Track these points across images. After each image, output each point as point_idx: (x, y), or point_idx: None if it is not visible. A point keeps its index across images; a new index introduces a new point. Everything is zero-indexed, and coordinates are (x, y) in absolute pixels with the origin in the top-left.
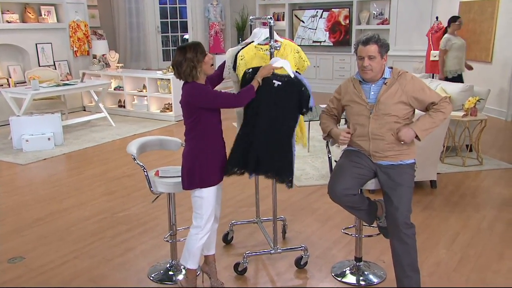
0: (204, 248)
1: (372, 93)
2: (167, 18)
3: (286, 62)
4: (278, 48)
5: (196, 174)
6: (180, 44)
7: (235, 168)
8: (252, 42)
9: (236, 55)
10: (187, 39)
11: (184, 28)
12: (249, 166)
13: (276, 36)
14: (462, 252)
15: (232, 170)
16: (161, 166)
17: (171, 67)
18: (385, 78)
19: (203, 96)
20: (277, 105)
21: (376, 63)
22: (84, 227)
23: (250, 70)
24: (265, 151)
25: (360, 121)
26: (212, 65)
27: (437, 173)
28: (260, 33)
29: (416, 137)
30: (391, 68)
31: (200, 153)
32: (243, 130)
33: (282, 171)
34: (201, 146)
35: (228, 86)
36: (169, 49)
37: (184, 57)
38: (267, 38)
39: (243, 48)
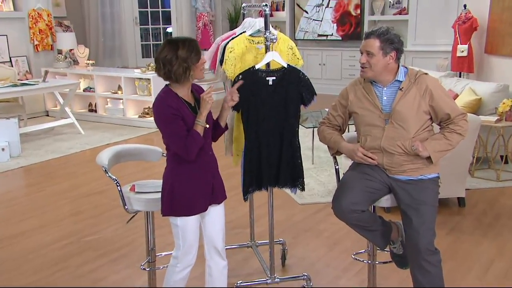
0: None
1: (385, 98)
2: (147, 8)
3: (274, 53)
4: (274, 41)
5: (168, 200)
6: (164, 38)
7: (249, 188)
8: (243, 32)
9: (224, 47)
10: (171, 33)
11: (167, 20)
12: (265, 182)
13: (270, 29)
14: (498, 284)
15: (248, 191)
16: (138, 180)
17: (153, 62)
18: (400, 82)
19: (158, 120)
20: (277, 103)
21: (375, 61)
22: (45, 254)
23: (240, 77)
24: (276, 160)
25: (372, 132)
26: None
27: (466, 189)
28: (253, 23)
29: (428, 158)
30: (407, 68)
31: (177, 176)
32: (248, 146)
33: (296, 174)
34: (180, 168)
35: (219, 87)
36: (149, 44)
37: (176, 54)
38: (259, 30)
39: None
